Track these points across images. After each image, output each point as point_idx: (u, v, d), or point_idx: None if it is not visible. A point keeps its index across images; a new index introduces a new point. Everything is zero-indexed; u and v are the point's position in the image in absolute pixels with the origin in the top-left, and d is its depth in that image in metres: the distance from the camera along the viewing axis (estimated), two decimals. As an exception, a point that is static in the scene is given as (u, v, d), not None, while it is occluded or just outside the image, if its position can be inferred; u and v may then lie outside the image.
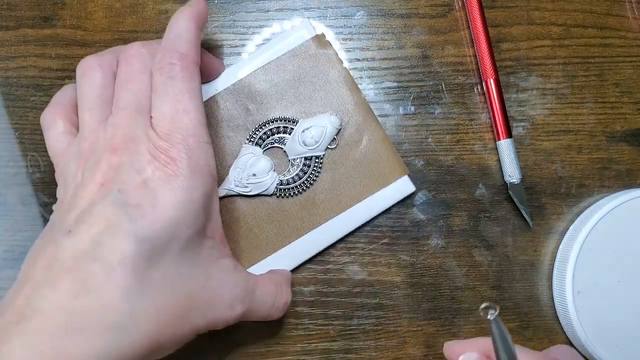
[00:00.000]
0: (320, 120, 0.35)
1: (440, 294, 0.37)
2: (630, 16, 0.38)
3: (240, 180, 0.34)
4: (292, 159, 0.35)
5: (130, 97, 0.28)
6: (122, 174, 0.25)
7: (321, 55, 0.35)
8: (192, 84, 0.27)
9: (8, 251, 0.37)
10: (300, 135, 0.35)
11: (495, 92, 0.36)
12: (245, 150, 0.35)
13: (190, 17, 0.29)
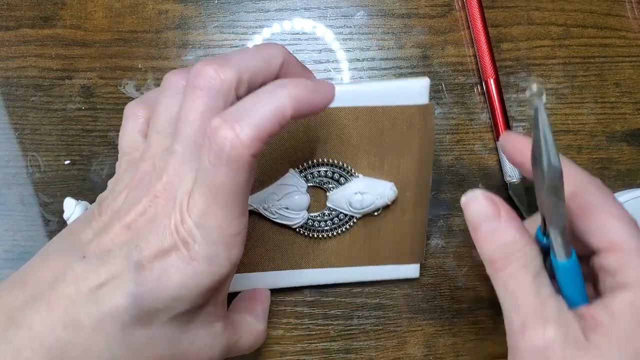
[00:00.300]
0: (377, 188, 0.32)
1: (440, 294, 0.37)
2: (630, 16, 0.38)
3: (270, 208, 0.32)
4: (330, 207, 0.33)
5: (188, 137, 0.24)
6: (147, 231, 0.24)
7: (419, 125, 0.32)
8: (237, 179, 0.23)
9: (8, 251, 0.37)
10: (352, 196, 0.32)
11: (495, 92, 0.36)
12: (289, 179, 0.32)
13: (287, 100, 0.23)
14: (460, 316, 0.37)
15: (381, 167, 0.33)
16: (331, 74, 0.37)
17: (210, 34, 0.37)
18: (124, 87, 0.37)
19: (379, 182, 0.33)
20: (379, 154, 0.32)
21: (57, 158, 0.37)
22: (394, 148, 0.32)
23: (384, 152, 0.32)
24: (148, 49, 0.37)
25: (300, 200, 0.32)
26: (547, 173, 0.22)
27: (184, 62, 0.37)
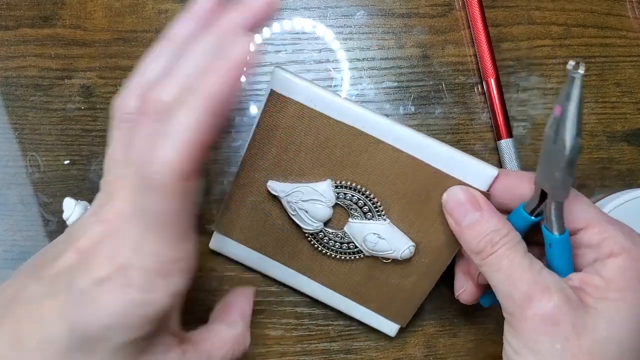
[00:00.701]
0: (396, 240, 0.32)
1: (441, 293, 0.37)
2: (630, 16, 0.38)
3: (292, 203, 0.32)
4: (346, 232, 0.33)
5: (135, 163, 0.23)
6: (93, 257, 0.23)
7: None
8: (168, 206, 0.23)
9: (8, 251, 0.37)
10: (369, 234, 0.32)
11: (495, 91, 0.36)
12: (322, 187, 0.32)
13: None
14: (461, 316, 0.37)
15: (411, 224, 0.32)
16: (331, 74, 0.37)
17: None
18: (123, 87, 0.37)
19: (401, 235, 0.32)
20: (414, 211, 0.31)
21: (56, 158, 0.37)
22: (431, 213, 0.31)
23: (420, 212, 0.31)
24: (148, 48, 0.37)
25: (321, 211, 0.32)
26: (570, 147, 0.23)
27: (184, 62, 0.37)
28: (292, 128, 0.31)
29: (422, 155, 0.30)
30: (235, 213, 0.34)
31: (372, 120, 0.30)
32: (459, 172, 0.30)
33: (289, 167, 0.32)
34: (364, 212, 0.32)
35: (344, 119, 0.30)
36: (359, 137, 0.30)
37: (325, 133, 0.30)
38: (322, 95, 0.30)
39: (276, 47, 0.37)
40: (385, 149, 0.30)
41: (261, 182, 0.33)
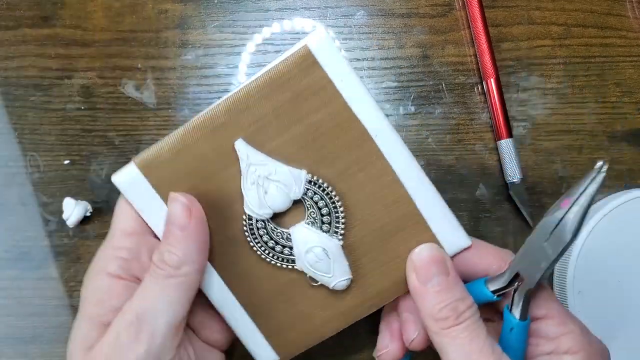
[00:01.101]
0: (338, 268, 0.28)
1: (441, 294, 0.37)
2: (630, 15, 0.38)
3: (252, 176, 0.27)
4: (290, 234, 0.29)
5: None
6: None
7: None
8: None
9: (7, 251, 0.37)
10: (315, 247, 0.28)
11: (495, 91, 0.36)
12: (296, 174, 0.28)
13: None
14: (461, 316, 0.37)
15: (363, 254, 0.29)
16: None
17: (209, 33, 0.37)
18: (123, 86, 0.37)
19: (344, 264, 0.28)
20: (374, 243, 0.29)
21: (56, 158, 0.37)
22: (388, 254, 0.29)
23: (379, 247, 0.29)
24: (148, 48, 0.37)
25: (280, 199, 0.27)
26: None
27: (184, 62, 0.37)
28: (302, 97, 0.27)
29: (412, 190, 0.28)
30: (170, 153, 0.27)
31: (387, 133, 0.27)
32: (436, 224, 0.28)
33: (273, 136, 0.27)
34: (323, 221, 0.28)
35: (361, 117, 0.27)
36: (365, 143, 0.27)
37: (334, 121, 0.27)
38: (355, 81, 0.27)
39: (276, 47, 0.37)
40: (382, 167, 0.27)
41: (228, 134, 0.27)
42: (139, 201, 0.28)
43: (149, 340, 0.25)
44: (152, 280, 0.26)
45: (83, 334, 0.26)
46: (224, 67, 0.37)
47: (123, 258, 0.28)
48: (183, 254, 0.26)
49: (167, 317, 0.25)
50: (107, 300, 0.27)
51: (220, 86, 0.37)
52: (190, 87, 0.37)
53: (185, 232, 0.26)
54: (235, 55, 0.37)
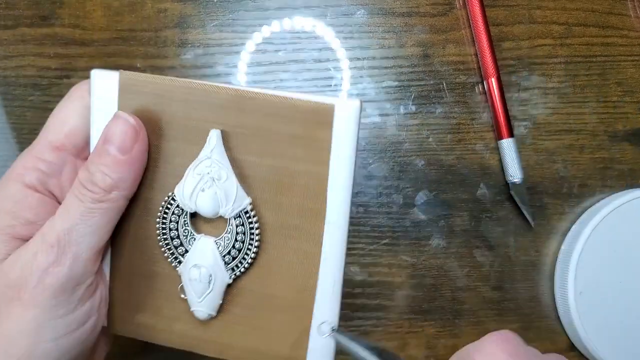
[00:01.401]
0: (211, 300, 0.27)
1: (442, 294, 0.37)
2: (632, 15, 0.38)
3: (194, 165, 0.26)
4: (195, 238, 0.27)
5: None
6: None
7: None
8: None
9: (6, 252, 0.37)
10: (206, 267, 0.26)
11: (496, 91, 0.36)
12: (242, 194, 0.26)
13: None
14: (462, 317, 0.37)
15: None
16: (331, 73, 0.37)
17: (209, 32, 0.37)
18: (122, 86, 0.37)
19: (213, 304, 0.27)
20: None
21: (55, 158, 0.37)
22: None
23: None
24: (147, 47, 0.37)
25: (207, 204, 0.26)
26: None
27: (183, 61, 0.37)
28: (297, 141, 0.25)
29: (321, 287, 0.26)
30: (153, 89, 0.26)
31: (340, 229, 0.26)
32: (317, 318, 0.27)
33: (246, 150, 0.26)
34: (230, 253, 0.26)
35: (330, 200, 0.26)
36: (316, 220, 0.26)
37: (306, 182, 0.26)
38: (348, 167, 0.25)
39: (276, 46, 0.37)
40: (313, 252, 0.26)
41: (212, 117, 0.26)
42: (98, 105, 0.26)
43: (71, 265, 0.24)
44: (76, 201, 0.24)
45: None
46: (224, 66, 0.37)
47: (43, 171, 0.26)
48: (117, 179, 0.24)
49: (91, 241, 0.24)
50: (20, 211, 0.25)
51: (220, 86, 0.37)
52: (190, 87, 0.37)
53: (126, 157, 0.24)
54: (235, 54, 0.37)
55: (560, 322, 0.37)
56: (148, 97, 0.26)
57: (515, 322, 0.37)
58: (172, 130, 0.26)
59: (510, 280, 0.37)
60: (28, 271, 0.24)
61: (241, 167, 0.26)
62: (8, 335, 0.24)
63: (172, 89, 0.25)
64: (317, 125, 0.25)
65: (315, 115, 0.25)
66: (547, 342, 0.37)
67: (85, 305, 0.25)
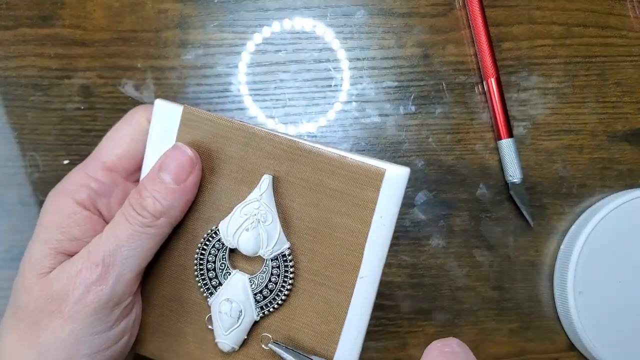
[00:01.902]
0: (235, 334, 0.27)
1: (441, 294, 0.37)
2: (631, 15, 0.38)
3: (243, 206, 0.27)
4: (230, 272, 0.28)
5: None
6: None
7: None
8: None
9: (7, 251, 0.37)
10: (238, 302, 0.27)
11: (496, 91, 0.36)
12: (283, 238, 0.27)
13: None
14: (461, 317, 0.37)
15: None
16: (331, 73, 0.37)
17: (209, 33, 0.37)
18: (123, 86, 0.37)
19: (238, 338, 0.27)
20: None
21: (55, 158, 0.37)
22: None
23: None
24: (147, 48, 0.37)
25: (249, 244, 0.27)
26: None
27: (183, 62, 0.37)
28: (343, 196, 0.27)
29: (345, 338, 0.27)
30: (213, 128, 0.27)
31: (372, 283, 0.27)
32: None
33: (293, 198, 0.27)
34: (262, 293, 0.27)
35: (366, 255, 0.27)
36: (350, 273, 0.27)
37: (344, 236, 0.27)
38: (388, 228, 0.26)
39: (276, 46, 0.37)
40: (341, 303, 0.27)
41: (265, 163, 0.27)
42: (157, 133, 0.28)
43: (113, 284, 0.24)
44: (125, 222, 0.25)
45: (37, 257, 0.25)
46: (224, 66, 0.37)
47: (94, 189, 0.27)
48: (168, 207, 0.25)
49: (134, 264, 0.25)
50: (68, 227, 0.26)
51: (220, 86, 0.37)
52: (190, 87, 0.37)
53: (180, 187, 0.25)
54: (235, 54, 0.37)
55: (559, 322, 0.37)
56: (206, 134, 0.27)
57: (515, 321, 0.37)
58: (226, 169, 0.27)
59: (509, 280, 0.37)
60: (71, 286, 0.24)
61: (285, 213, 0.27)
62: (45, 346, 0.24)
63: (231, 130, 0.27)
64: (365, 185, 0.26)
65: (365, 176, 0.26)
66: (546, 342, 0.37)
67: (122, 323, 0.26)
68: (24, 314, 0.25)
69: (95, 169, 0.27)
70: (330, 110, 0.37)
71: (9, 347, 0.25)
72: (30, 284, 0.25)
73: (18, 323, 0.25)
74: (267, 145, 0.27)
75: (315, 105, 0.37)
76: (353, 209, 0.26)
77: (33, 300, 0.25)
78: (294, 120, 0.37)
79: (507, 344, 0.37)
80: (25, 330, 0.25)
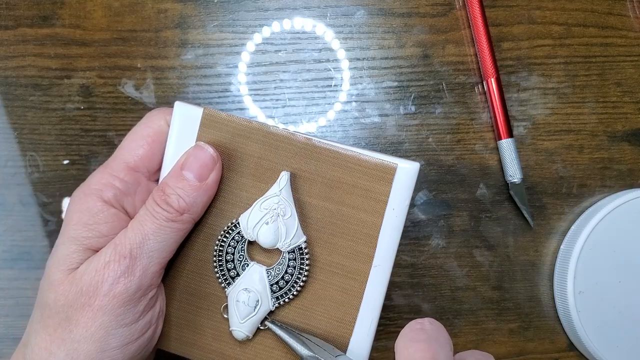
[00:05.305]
0: (249, 322, 0.28)
1: (441, 294, 0.37)
2: (631, 15, 0.38)
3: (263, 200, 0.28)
4: (247, 264, 0.29)
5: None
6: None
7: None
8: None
9: (7, 251, 0.37)
10: (256, 292, 0.28)
11: (496, 91, 0.36)
12: (300, 232, 0.28)
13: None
14: (461, 317, 0.37)
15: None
16: (331, 73, 0.37)
17: (209, 32, 0.37)
18: (123, 86, 0.37)
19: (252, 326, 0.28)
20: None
21: (55, 158, 0.37)
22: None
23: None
24: (147, 48, 0.37)
25: (268, 236, 0.28)
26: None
27: (183, 61, 0.37)
28: (357, 191, 0.28)
29: (360, 323, 0.29)
30: (232, 128, 0.28)
31: (385, 270, 0.28)
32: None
33: (310, 193, 0.28)
34: (278, 283, 0.28)
35: (379, 245, 0.28)
36: (364, 263, 0.28)
37: (358, 227, 0.28)
38: (400, 219, 0.28)
39: (276, 46, 0.37)
40: (356, 292, 0.28)
41: (283, 161, 0.28)
42: (177, 134, 0.28)
43: (140, 276, 0.25)
44: (150, 217, 0.26)
45: (65, 254, 0.26)
46: (224, 66, 0.37)
47: (119, 188, 0.28)
48: (191, 203, 0.26)
49: (159, 256, 0.26)
50: (96, 224, 0.27)
51: (220, 86, 0.37)
52: (190, 87, 0.37)
53: (202, 184, 0.26)
54: (235, 54, 0.37)
55: (559, 322, 0.37)
56: (225, 134, 0.28)
57: (515, 321, 0.37)
58: (244, 167, 0.28)
59: (509, 280, 0.37)
60: (100, 278, 0.25)
61: (302, 208, 0.28)
62: (77, 341, 0.25)
63: (250, 131, 0.28)
64: (378, 180, 0.27)
65: (378, 171, 0.27)
66: (546, 342, 0.37)
67: (147, 315, 0.26)
68: (52, 312, 0.25)
69: (119, 169, 0.28)
70: (330, 110, 0.37)
71: (39, 348, 0.25)
72: (58, 280, 0.26)
73: (47, 321, 0.25)
74: (285, 144, 0.28)
75: (315, 105, 0.37)
76: (367, 202, 0.28)
77: (62, 296, 0.25)
78: (294, 120, 0.37)
79: (507, 344, 0.37)
80: (56, 327, 0.25)
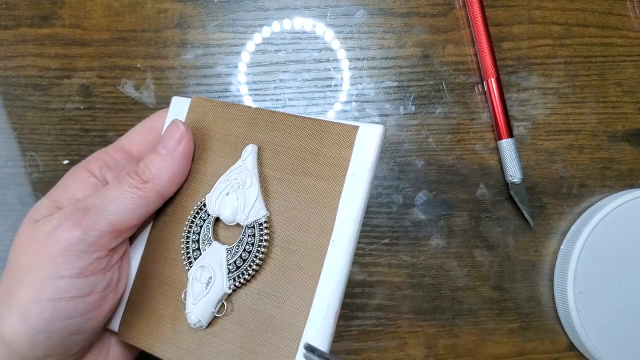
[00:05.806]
0: (205, 304, 0.26)
1: (441, 294, 0.37)
2: (631, 15, 0.38)
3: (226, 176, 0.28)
4: (211, 243, 0.28)
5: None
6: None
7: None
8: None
9: (7, 251, 0.37)
10: (219, 274, 0.27)
11: (496, 91, 0.36)
12: (259, 205, 0.27)
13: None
14: (461, 317, 0.37)
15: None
16: (331, 73, 0.37)
17: (209, 32, 0.37)
18: (122, 86, 0.37)
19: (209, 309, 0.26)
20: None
21: (55, 158, 0.37)
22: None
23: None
24: (147, 48, 0.37)
25: (227, 208, 0.27)
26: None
27: (183, 61, 0.37)
28: (319, 158, 0.26)
29: (316, 308, 0.25)
30: (214, 111, 0.29)
31: (344, 246, 0.25)
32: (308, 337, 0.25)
33: (274, 166, 0.27)
34: (235, 262, 0.26)
35: (339, 217, 0.25)
36: (321, 236, 0.25)
37: (318, 197, 0.26)
38: (362, 187, 0.25)
39: (276, 46, 0.37)
40: (313, 269, 0.25)
41: (250, 135, 0.28)
42: (169, 119, 0.30)
43: (86, 230, 0.25)
44: (116, 184, 0.27)
45: (37, 208, 0.28)
46: (224, 66, 0.37)
47: (106, 163, 0.29)
48: (156, 173, 0.27)
49: (112, 217, 0.26)
50: (72, 189, 0.28)
51: (220, 86, 0.37)
52: (190, 87, 0.37)
53: (168, 155, 0.27)
54: (235, 54, 0.37)
55: (559, 322, 0.37)
56: (208, 117, 0.29)
57: (515, 321, 0.37)
58: (222, 147, 0.28)
59: (509, 280, 0.37)
60: (50, 227, 0.26)
61: (267, 182, 0.27)
62: (16, 285, 0.26)
63: (228, 110, 0.28)
64: (340, 144, 0.26)
65: (339, 135, 0.26)
66: (546, 342, 0.37)
67: (91, 278, 0.26)
68: (9, 256, 0.27)
69: (114, 150, 0.30)
70: (330, 110, 0.37)
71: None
72: (21, 228, 0.27)
73: (6, 265, 0.27)
74: (249, 118, 0.28)
75: (315, 105, 0.37)
76: (327, 168, 0.26)
77: (19, 243, 0.27)
78: (293, 120, 0.37)
79: (507, 344, 0.37)
80: (6, 271, 0.26)
